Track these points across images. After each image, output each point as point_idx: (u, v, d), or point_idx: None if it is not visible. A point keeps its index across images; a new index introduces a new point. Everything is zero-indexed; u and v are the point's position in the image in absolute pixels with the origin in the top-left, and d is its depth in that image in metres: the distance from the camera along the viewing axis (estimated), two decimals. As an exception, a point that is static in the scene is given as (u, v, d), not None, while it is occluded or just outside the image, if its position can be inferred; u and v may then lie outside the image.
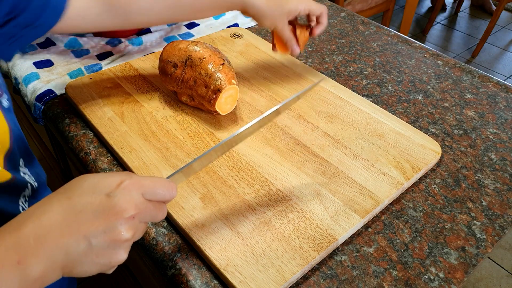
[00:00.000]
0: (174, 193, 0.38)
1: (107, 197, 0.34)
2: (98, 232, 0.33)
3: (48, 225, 0.32)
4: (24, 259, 0.31)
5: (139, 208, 0.35)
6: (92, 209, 0.33)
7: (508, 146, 0.65)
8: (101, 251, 0.33)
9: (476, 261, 0.50)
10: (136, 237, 0.36)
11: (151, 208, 0.36)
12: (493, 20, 2.46)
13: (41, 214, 0.33)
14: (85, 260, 0.33)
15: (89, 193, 0.34)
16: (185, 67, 0.62)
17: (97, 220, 0.33)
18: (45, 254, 0.32)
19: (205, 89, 0.61)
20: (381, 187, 0.55)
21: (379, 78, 0.78)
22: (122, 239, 0.34)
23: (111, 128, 0.62)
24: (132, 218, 0.34)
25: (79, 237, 0.33)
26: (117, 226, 0.33)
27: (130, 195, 0.35)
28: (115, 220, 0.33)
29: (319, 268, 0.48)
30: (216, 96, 0.60)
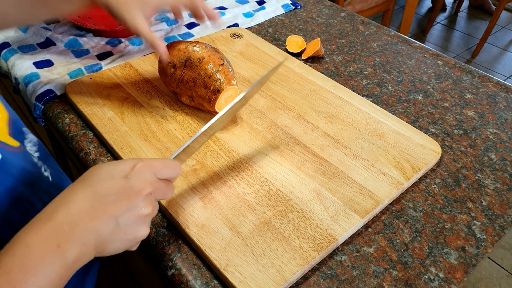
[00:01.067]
0: (179, 170, 0.42)
1: (126, 180, 0.38)
2: (123, 211, 0.37)
3: (77, 212, 0.36)
4: (62, 244, 0.34)
5: (153, 185, 0.39)
6: (114, 192, 0.37)
7: (508, 146, 0.65)
8: (128, 228, 0.37)
9: (476, 261, 0.50)
10: (153, 212, 0.40)
11: (162, 186, 0.40)
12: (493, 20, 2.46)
13: (68, 202, 0.36)
14: (114, 238, 0.37)
15: (108, 178, 0.38)
16: (184, 68, 0.62)
17: (120, 200, 0.37)
18: (79, 238, 0.35)
19: (204, 90, 0.61)
20: (381, 187, 0.55)
21: (379, 78, 0.78)
22: (144, 214, 0.38)
23: (111, 128, 0.62)
24: (150, 194, 0.39)
25: (107, 218, 0.36)
26: (139, 203, 0.38)
27: (144, 176, 0.39)
28: (136, 198, 0.38)
29: (319, 268, 0.48)
30: (216, 97, 0.60)
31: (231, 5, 0.98)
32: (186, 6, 0.60)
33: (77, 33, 0.85)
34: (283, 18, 0.95)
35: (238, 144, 0.60)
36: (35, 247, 0.34)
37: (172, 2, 0.59)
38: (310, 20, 0.95)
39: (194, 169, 0.56)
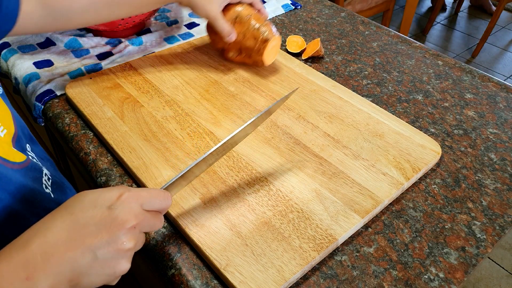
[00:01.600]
0: (169, 202, 0.41)
1: (109, 210, 0.36)
2: (102, 243, 0.35)
3: (54, 241, 0.34)
4: (32, 275, 0.32)
5: (139, 218, 0.37)
6: (95, 222, 0.35)
7: (508, 146, 0.65)
8: (106, 262, 0.35)
9: (476, 261, 0.50)
10: (137, 246, 0.37)
11: (149, 218, 0.38)
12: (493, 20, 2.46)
13: (45, 230, 0.34)
14: (91, 272, 0.34)
15: (91, 207, 0.36)
16: (234, 24, 0.71)
17: (101, 232, 0.35)
18: (52, 269, 0.33)
19: (253, 41, 0.70)
20: (381, 187, 0.55)
21: (379, 78, 0.78)
22: (125, 248, 0.36)
23: (111, 128, 0.62)
24: (133, 228, 0.36)
25: (84, 249, 0.34)
26: (120, 236, 0.35)
27: (129, 207, 0.37)
28: (118, 231, 0.35)
29: (319, 268, 0.48)
30: (265, 46, 0.70)
31: (231, 5, 0.98)
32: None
33: (77, 33, 0.85)
34: (283, 18, 0.95)
35: (238, 144, 0.60)
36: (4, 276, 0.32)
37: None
38: (310, 20, 0.95)
39: (194, 169, 0.56)
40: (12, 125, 0.47)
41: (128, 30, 0.84)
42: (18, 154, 0.45)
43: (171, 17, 0.92)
